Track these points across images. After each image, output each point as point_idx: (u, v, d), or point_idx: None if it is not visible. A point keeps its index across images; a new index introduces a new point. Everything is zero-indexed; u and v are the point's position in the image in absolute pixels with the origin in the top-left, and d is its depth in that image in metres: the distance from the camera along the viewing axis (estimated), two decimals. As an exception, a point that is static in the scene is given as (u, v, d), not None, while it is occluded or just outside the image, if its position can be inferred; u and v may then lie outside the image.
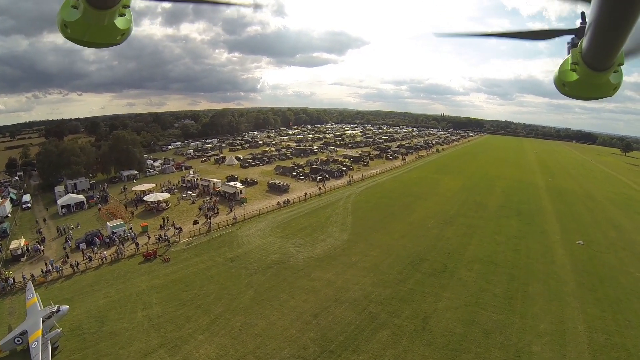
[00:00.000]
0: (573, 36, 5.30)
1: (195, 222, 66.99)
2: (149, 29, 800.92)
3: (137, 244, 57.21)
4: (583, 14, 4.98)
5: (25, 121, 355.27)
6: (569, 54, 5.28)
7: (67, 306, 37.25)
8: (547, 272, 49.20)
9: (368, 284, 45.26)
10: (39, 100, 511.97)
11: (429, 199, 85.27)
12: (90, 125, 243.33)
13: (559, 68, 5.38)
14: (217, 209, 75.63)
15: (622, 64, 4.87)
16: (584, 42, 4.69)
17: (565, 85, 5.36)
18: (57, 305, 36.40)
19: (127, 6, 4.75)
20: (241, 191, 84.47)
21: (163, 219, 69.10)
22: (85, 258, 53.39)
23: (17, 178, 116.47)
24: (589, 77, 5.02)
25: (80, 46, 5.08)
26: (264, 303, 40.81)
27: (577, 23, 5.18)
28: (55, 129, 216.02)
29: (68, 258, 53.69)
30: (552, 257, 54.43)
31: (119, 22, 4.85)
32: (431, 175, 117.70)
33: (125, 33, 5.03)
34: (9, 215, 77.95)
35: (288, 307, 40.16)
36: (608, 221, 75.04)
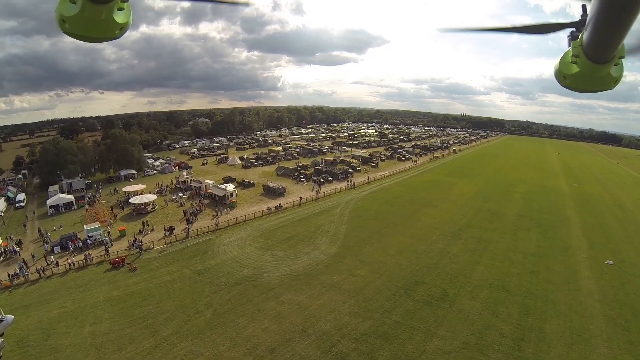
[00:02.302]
0: (574, 28, 5.25)
1: (172, 228, 61.30)
2: (168, 28, 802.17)
3: (107, 250, 53.70)
4: (584, 7, 4.97)
5: (48, 119, 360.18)
6: (569, 46, 5.22)
7: (12, 316, 33.92)
8: (570, 302, 40.67)
9: (346, 312, 38.09)
10: (62, 98, 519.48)
11: (438, 206, 76.83)
12: (105, 123, 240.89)
13: (560, 60, 5.35)
14: (197, 214, 69.85)
15: (623, 57, 4.80)
16: (585, 34, 4.67)
17: (565, 78, 5.33)
18: (1, 315, 33.11)
19: (125, 0, 4.71)
20: (231, 194, 78.97)
21: (143, 222, 64.98)
22: (48, 263, 50.61)
23: (20, 176, 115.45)
24: (590, 70, 4.97)
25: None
26: (218, 328, 35.49)
27: (578, 15, 5.16)
28: (70, 127, 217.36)
29: (26, 264, 49.76)
30: (576, 281, 45.75)
31: (118, 16, 4.78)
32: (444, 178, 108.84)
33: (123, 27, 4.96)
34: (2, 214, 76.71)
35: (244, 335, 34.38)
36: (642, 235, 65.59)
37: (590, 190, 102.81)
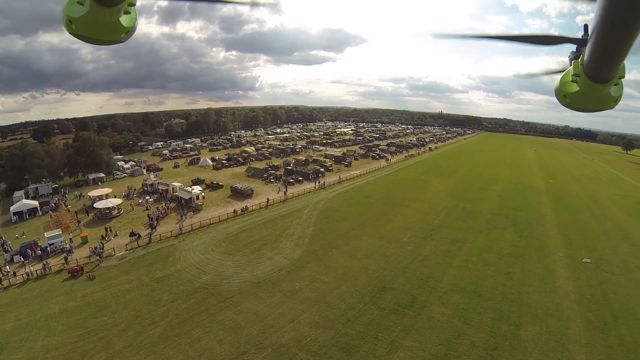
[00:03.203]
0: (575, 46, 5.29)
1: (132, 234, 58.55)
2: (146, 27, 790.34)
3: (66, 258, 50.70)
4: (586, 26, 5.01)
5: (22, 121, 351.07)
6: (570, 65, 5.23)
7: None
8: (547, 305, 38.37)
9: (306, 322, 35.39)
10: (37, 100, 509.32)
11: (411, 206, 74.24)
12: (80, 125, 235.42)
13: (560, 79, 5.37)
14: (159, 219, 66.57)
15: (623, 77, 4.83)
16: (586, 53, 4.67)
17: (566, 97, 5.33)
18: None
19: (132, 4, 4.72)
20: (197, 197, 75.72)
21: (105, 228, 61.39)
22: (4, 274, 47.61)
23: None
24: (590, 89, 4.99)
25: (80, 43, 5.64)
26: (172, 340, 33.08)
27: (579, 34, 5.20)
28: (42, 130, 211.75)
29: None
30: (553, 282, 43.51)
31: (124, 20, 4.83)
32: (418, 177, 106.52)
33: (129, 31, 5.04)
34: (-35, 223, 72.48)
35: (197, 349, 32.02)
36: (618, 231, 64.27)
37: (566, 187, 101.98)
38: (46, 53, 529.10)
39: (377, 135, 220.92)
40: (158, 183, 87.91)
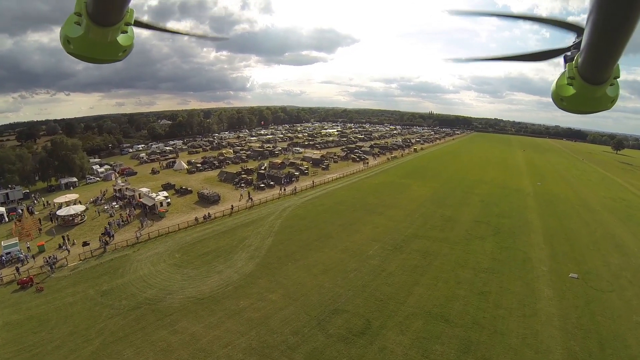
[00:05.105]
0: (569, 51, 5.11)
1: (86, 244, 55.34)
2: (135, 27, 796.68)
3: (17, 268, 48.22)
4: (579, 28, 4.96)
5: (11, 122, 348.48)
6: (565, 68, 5.00)
7: None
8: (524, 333, 33.38)
9: (241, 347, 31.59)
10: (26, 100, 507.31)
11: (385, 213, 69.14)
12: (66, 126, 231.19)
13: (556, 82, 5.16)
14: (118, 226, 63.70)
15: (619, 77, 4.66)
16: (580, 55, 4.53)
17: (562, 100, 5.13)
18: None
19: (129, 23, 4.69)
20: (162, 203, 71.66)
21: (63, 237, 57.75)
22: None
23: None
24: (586, 91, 4.82)
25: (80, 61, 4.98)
26: None
27: (574, 38, 5.03)
28: (27, 132, 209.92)
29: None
30: (533, 304, 38.49)
31: (121, 38, 4.79)
32: (398, 180, 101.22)
33: (127, 50, 4.97)
34: None
35: None
36: (609, 239, 59.56)
37: (555, 190, 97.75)
38: (35, 53, 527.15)
39: (362, 136, 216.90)
40: (126, 188, 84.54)
